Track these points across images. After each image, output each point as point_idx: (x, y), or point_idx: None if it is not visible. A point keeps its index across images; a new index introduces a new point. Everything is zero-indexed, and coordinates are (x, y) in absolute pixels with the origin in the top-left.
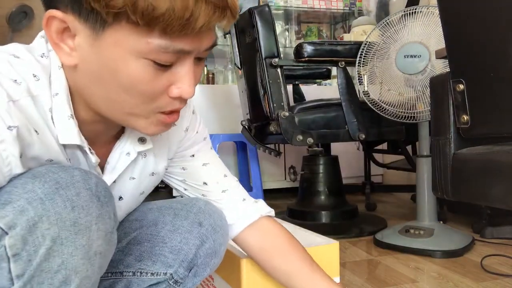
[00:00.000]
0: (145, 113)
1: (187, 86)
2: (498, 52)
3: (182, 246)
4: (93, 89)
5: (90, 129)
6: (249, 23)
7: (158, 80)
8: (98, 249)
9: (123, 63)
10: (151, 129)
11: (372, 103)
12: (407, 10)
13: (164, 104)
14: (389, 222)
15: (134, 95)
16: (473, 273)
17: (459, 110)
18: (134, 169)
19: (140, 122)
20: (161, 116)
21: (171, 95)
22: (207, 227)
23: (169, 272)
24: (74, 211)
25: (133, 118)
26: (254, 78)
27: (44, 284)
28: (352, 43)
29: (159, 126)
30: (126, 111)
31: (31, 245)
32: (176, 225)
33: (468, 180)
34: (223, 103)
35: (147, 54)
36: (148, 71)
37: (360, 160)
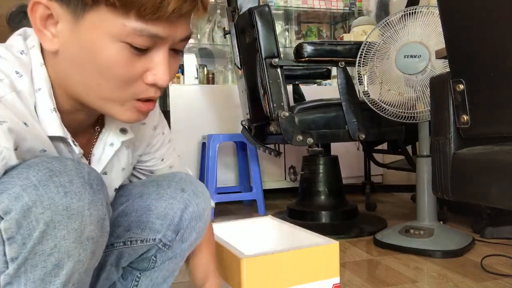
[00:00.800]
0: (121, 99)
1: (162, 73)
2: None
3: (167, 211)
4: (73, 75)
5: (72, 118)
6: (249, 23)
7: (134, 64)
8: (91, 234)
9: (100, 46)
10: (127, 116)
11: (372, 103)
12: (407, 10)
13: (140, 91)
14: (389, 222)
15: (110, 78)
16: (473, 273)
17: (459, 110)
18: (121, 159)
19: (116, 108)
20: (137, 103)
21: (147, 81)
22: (189, 193)
23: (158, 237)
24: (67, 196)
25: (109, 104)
26: (254, 78)
27: (37, 267)
28: (352, 43)
29: (135, 113)
30: (103, 96)
31: (26, 228)
32: (160, 194)
33: (468, 180)
34: (223, 103)
35: (123, 37)
36: (124, 55)
37: (360, 160)
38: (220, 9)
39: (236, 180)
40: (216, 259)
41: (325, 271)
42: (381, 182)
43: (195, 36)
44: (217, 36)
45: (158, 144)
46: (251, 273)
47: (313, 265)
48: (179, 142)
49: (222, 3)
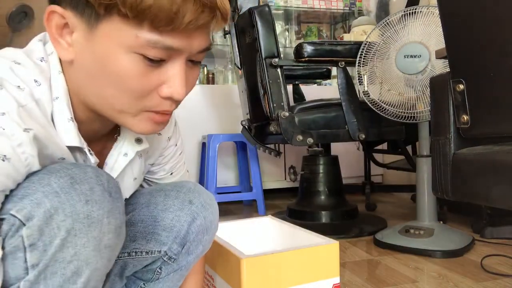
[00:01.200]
0: (134, 111)
1: (177, 86)
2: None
3: (174, 223)
4: (87, 85)
5: (88, 128)
6: (249, 23)
7: (148, 76)
8: (108, 242)
9: (114, 57)
10: (141, 127)
11: (372, 103)
12: (407, 10)
13: (154, 104)
14: (389, 222)
15: (124, 90)
16: (473, 273)
17: (459, 110)
18: (134, 169)
19: (130, 119)
20: (151, 115)
21: (162, 95)
22: (197, 205)
23: (163, 249)
24: (88, 204)
25: (123, 115)
26: (254, 78)
27: (57, 274)
28: (352, 43)
29: (150, 124)
30: (116, 107)
31: (47, 235)
32: (168, 205)
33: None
34: (223, 103)
35: (136, 48)
36: (137, 66)
37: (360, 160)
38: None
39: (236, 180)
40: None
41: (325, 271)
42: (381, 182)
43: None
44: (217, 36)
45: (170, 156)
46: (251, 273)
47: (313, 265)
48: None
49: None
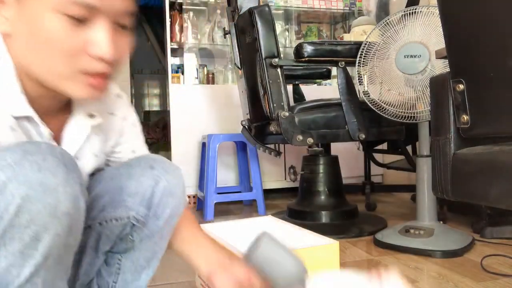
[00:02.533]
0: (69, 73)
1: (103, 45)
2: (498, 52)
3: (138, 189)
4: (27, 56)
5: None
6: (249, 23)
7: (75, 35)
8: (66, 210)
9: (42, 20)
10: (80, 91)
11: (372, 103)
12: (407, 10)
13: (86, 64)
14: (389, 222)
15: (56, 51)
16: (473, 273)
17: (459, 110)
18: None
19: (68, 84)
20: (86, 78)
21: (90, 53)
22: (158, 169)
23: (131, 214)
24: (41, 172)
25: (61, 80)
26: (254, 78)
27: (15, 239)
28: (352, 43)
29: (88, 88)
30: (53, 71)
31: (2, 203)
32: (131, 174)
33: (468, 180)
34: (223, 103)
35: (59, 7)
36: (64, 26)
37: (360, 160)
38: (220, 9)
39: (236, 180)
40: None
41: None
42: (381, 182)
43: (195, 36)
44: (217, 36)
45: (128, 135)
46: None
47: (313, 265)
48: (179, 142)
49: (222, 3)
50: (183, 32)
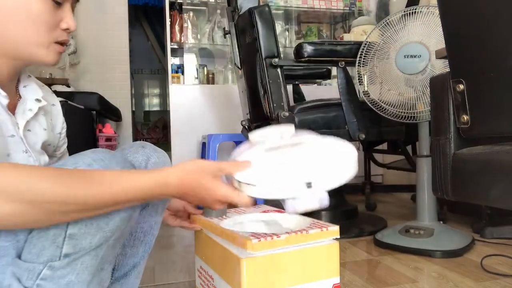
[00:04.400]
0: (47, 41)
1: (71, 20)
2: (498, 52)
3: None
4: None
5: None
6: (249, 23)
7: (54, 14)
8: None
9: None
10: (51, 57)
11: (372, 103)
12: (407, 10)
13: (58, 35)
14: (389, 222)
15: (41, 25)
16: (473, 273)
17: (459, 110)
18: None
19: (43, 51)
20: (57, 46)
21: (62, 27)
22: (149, 148)
23: None
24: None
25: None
26: (254, 78)
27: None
28: (352, 43)
29: (56, 54)
30: (34, 41)
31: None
32: (125, 152)
33: (468, 180)
34: (223, 103)
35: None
36: (49, 6)
37: (360, 160)
38: (220, 9)
39: None
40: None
41: (325, 271)
42: (381, 182)
43: (195, 36)
44: (217, 36)
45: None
46: (251, 273)
47: (313, 265)
48: (179, 142)
49: (222, 3)
50: (183, 32)
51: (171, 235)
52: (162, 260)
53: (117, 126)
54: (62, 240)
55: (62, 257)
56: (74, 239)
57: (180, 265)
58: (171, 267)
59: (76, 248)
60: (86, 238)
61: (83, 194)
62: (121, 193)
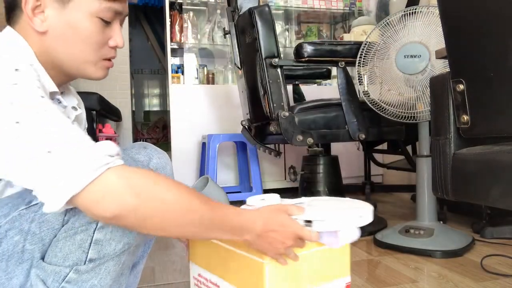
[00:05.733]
0: (96, 59)
1: (119, 37)
2: (498, 52)
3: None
4: (59, 47)
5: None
6: (249, 23)
7: (103, 33)
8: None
9: (83, 22)
10: (99, 73)
11: (372, 103)
12: (407, 10)
13: (106, 52)
14: (389, 222)
15: (89, 44)
16: (473, 273)
17: (459, 110)
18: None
19: (92, 68)
20: (105, 62)
21: (111, 45)
22: (150, 149)
23: None
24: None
25: (87, 65)
26: (254, 78)
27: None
28: (352, 43)
29: (104, 70)
30: (84, 59)
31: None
32: (127, 153)
33: (468, 180)
34: (223, 103)
35: (98, 13)
36: (98, 26)
37: (360, 160)
38: (220, 9)
39: (236, 180)
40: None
41: (339, 271)
42: (381, 182)
43: (195, 36)
44: (217, 36)
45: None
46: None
47: (328, 265)
48: (179, 142)
49: (222, 3)
50: (183, 32)
51: None
52: (162, 260)
53: (117, 126)
54: (88, 245)
55: (88, 261)
56: (99, 244)
57: (180, 265)
58: (171, 267)
59: (101, 253)
60: (111, 244)
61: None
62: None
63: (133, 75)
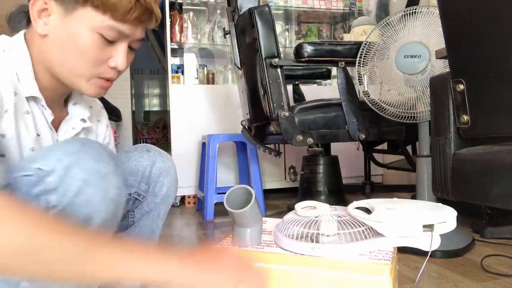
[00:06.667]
0: (89, 75)
1: (121, 60)
2: (498, 52)
3: (138, 168)
4: (55, 54)
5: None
6: (249, 23)
7: (103, 51)
8: (112, 196)
9: (83, 34)
10: (91, 90)
11: (372, 103)
12: (407, 10)
13: (104, 71)
14: None
15: (86, 59)
16: (473, 273)
17: (459, 110)
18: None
19: (83, 83)
20: (99, 81)
21: (110, 65)
22: (154, 152)
23: (133, 190)
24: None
25: (79, 79)
26: (254, 78)
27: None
28: (352, 43)
29: (97, 88)
30: (77, 72)
31: (66, 183)
32: (129, 156)
33: (468, 180)
34: (223, 103)
35: (99, 29)
36: (98, 42)
37: (360, 160)
38: (220, 9)
39: (236, 180)
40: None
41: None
42: (381, 182)
43: (195, 36)
44: (217, 36)
45: (107, 139)
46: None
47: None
48: (179, 142)
49: (222, 3)
50: (183, 32)
51: (171, 235)
52: None
53: (117, 126)
54: None
55: None
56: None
57: None
58: None
59: None
60: None
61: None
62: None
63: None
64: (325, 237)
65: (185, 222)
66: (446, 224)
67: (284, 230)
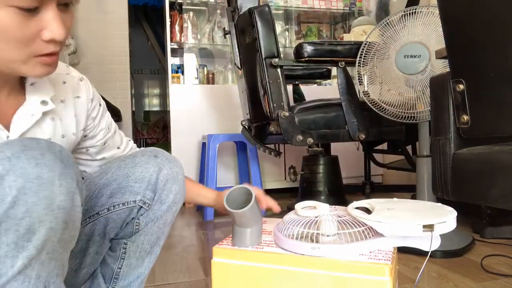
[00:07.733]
0: (23, 58)
1: (56, 28)
2: (498, 52)
3: (144, 174)
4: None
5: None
6: (249, 23)
7: (26, 26)
8: (61, 204)
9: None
10: (35, 72)
11: (372, 103)
12: (407, 10)
13: (40, 49)
14: None
15: (9, 42)
16: (473, 273)
17: (459, 110)
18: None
19: (22, 67)
20: (40, 59)
21: (44, 39)
22: (161, 158)
23: (138, 198)
24: (38, 166)
25: (14, 64)
26: (254, 78)
27: (10, 230)
28: (352, 43)
29: (41, 67)
30: (6, 58)
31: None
32: (136, 162)
33: (468, 180)
34: (223, 103)
35: (8, 1)
36: (15, 18)
37: (360, 160)
38: (220, 9)
39: (236, 180)
40: None
41: None
42: (381, 182)
43: (195, 36)
44: (217, 36)
45: (99, 115)
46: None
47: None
48: (179, 142)
49: (222, 3)
50: (183, 32)
51: (171, 235)
52: (162, 260)
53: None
54: None
55: None
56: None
57: (180, 265)
58: (171, 267)
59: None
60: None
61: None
62: None
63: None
64: (325, 237)
65: (185, 222)
66: (446, 224)
67: (284, 230)
